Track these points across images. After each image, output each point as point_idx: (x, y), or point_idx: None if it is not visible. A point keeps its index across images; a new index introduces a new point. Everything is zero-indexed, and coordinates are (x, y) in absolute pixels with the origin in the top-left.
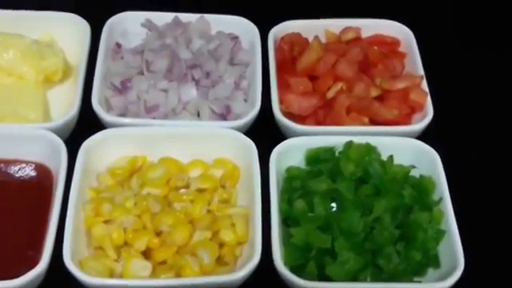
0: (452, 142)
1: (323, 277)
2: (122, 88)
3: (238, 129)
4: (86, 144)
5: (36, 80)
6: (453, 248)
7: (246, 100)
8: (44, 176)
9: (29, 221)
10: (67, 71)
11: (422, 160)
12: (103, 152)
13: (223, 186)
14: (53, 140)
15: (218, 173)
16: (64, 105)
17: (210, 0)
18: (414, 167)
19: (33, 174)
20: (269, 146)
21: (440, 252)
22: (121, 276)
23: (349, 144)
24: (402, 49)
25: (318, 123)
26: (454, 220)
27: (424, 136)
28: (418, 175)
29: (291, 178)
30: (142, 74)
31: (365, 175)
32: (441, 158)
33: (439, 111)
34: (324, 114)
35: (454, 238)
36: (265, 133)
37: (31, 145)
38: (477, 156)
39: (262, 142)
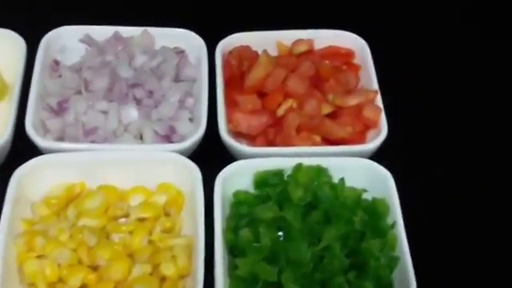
0: (407, 161)
1: None
2: (59, 109)
3: (183, 152)
4: (19, 172)
5: None
6: (405, 275)
7: (192, 119)
8: None
9: None
10: (2, 90)
11: (375, 181)
12: (38, 180)
13: (167, 214)
14: None
15: (161, 199)
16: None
17: (154, 12)
18: (365, 191)
19: None
20: (216, 168)
21: (395, 280)
22: None
23: (298, 167)
24: (356, 61)
25: (268, 142)
26: (406, 246)
27: (378, 155)
28: (371, 197)
29: (238, 203)
30: (81, 93)
31: (314, 200)
32: (395, 178)
33: (394, 128)
34: (274, 132)
35: (406, 264)
36: (212, 154)
37: None
38: (432, 176)
39: (209, 164)
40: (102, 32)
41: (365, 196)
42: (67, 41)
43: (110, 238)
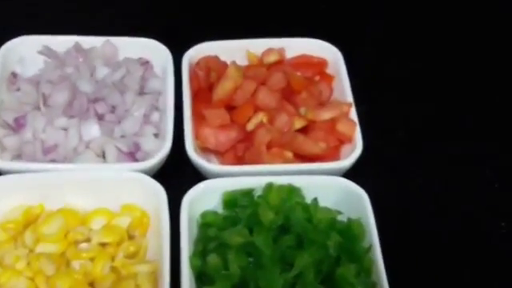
0: (383, 178)
1: None
2: (16, 126)
3: (148, 170)
4: None
5: None
6: None
7: (157, 135)
8: None
9: None
10: None
11: (350, 200)
12: None
13: (131, 237)
14: None
15: (124, 222)
16: None
17: (116, 21)
18: (340, 213)
19: None
20: (183, 186)
21: None
22: None
23: (268, 187)
24: (329, 70)
25: (238, 159)
26: (383, 271)
27: (353, 171)
28: (345, 218)
29: (206, 224)
30: (39, 109)
31: (286, 223)
32: (370, 197)
33: (369, 143)
34: (244, 148)
35: None
36: (179, 172)
37: None
38: (409, 195)
39: (176, 182)
40: (61, 42)
41: (339, 217)
42: (26, 51)
43: (70, 265)
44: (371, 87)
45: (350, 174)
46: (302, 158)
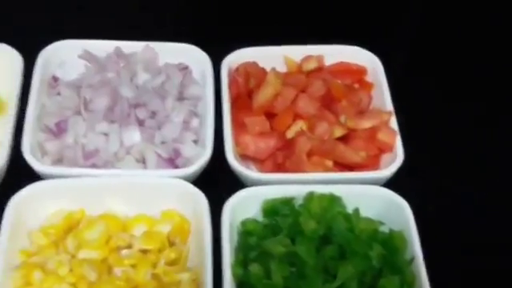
0: (425, 190)
1: None
2: (57, 131)
3: (188, 177)
4: (15, 200)
5: None
6: None
7: (196, 141)
8: None
9: None
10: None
11: (392, 212)
12: (35, 207)
13: (172, 243)
14: None
15: (165, 228)
16: None
17: (156, 25)
18: (382, 223)
19: None
20: (222, 193)
21: None
22: None
23: (310, 196)
24: (368, 78)
25: (277, 166)
26: (427, 284)
27: (394, 182)
28: (387, 229)
29: (247, 233)
30: (80, 113)
31: (328, 232)
32: (412, 207)
33: (412, 154)
34: (283, 156)
35: None
36: (218, 178)
37: None
38: (452, 206)
39: (215, 189)
40: (102, 47)
41: (381, 228)
42: (66, 56)
43: (112, 271)
44: (410, 95)
45: (391, 183)
46: (341, 166)
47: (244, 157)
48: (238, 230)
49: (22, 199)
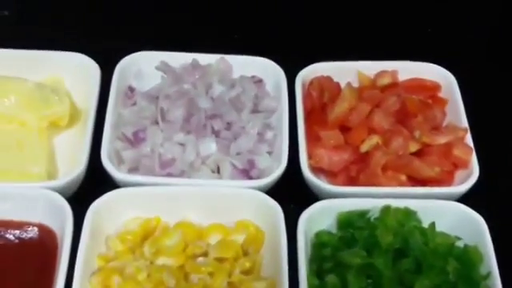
0: (500, 205)
1: None
2: (135, 140)
3: (263, 188)
4: (94, 206)
5: (39, 127)
6: None
7: (270, 153)
8: (47, 238)
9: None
10: (75, 116)
11: (467, 227)
12: (113, 213)
13: (246, 253)
14: (57, 200)
15: (239, 238)
16: (71, 152)
17: (230, 39)
18: (459, 238)
19: (35, 236)
20: (295, 204)
21: None
22: None
23: (386, 209)
24: (442, 94)
25: (350, 179)
26: None
27: (468, 198)
28: (462, 244)
29: (321, 244)
30: (157, 123)
31: (403, 246)
32: (487, 224)
33: (486, 169)
34: (357, 169)
35: None
36: (291, 190)
37: (33, 205)
38: None
39: (288, 201)
40: (178, 58)
41: (456, 243)
42: (143, 67)
43: (189, 279)
44: (484, 112)
45: (465, 200)
46: (415, 181)
47: (316, 170)
48: (312, 241)
49: (101, 206)
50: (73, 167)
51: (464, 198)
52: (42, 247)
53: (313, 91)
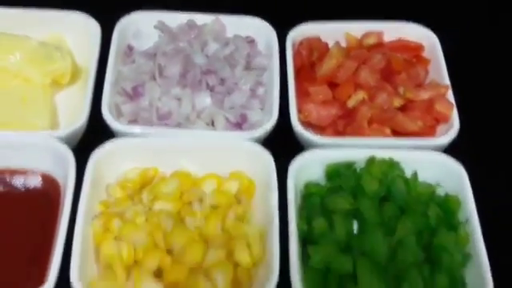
0: (479, 157)
1: None
2: (134, 94)
3: (255, 139)
4: (96, 155)
5: (43, 83)
6: (481, 273)
7: (262, 109)
8: (50, 186)
9: (34, 234)
10: (76, 74)
11: (448, 176)
12: (113, 163)
13: (238, 201)
14: (60, 149)
15: (233, 187)
16: (72, 108)
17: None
18: (439, 186)
19: (39, 184)
20: (284, 156)
21: (467, 277)
22: None
23: (371, 160)
24: (425, 55)
25: (337, 133)
26: (482, 243)
27: (449, 150)
28: (442, 193)
29: (310, 194)
30: (154, 79)
31: (388, 194)
32: (467, 173)
33: (465, 123)
34: (344, 124)
35: (481, 262)
36: (281, 143)
37: (38, 154)
38: (506, 171)
39: (279, 152)
40: (175, 18)
41: (437, 191)
42: (142, 26)
43: (185, 222)
44: (466, 72)
45: (446, 152)
46: (398, 135)
47: (306, 124)
48: (302, 192)
49: (102, 155)
50: (74, 122)
51: (445, 151)
52: (46, 195)
53: (302, 50)
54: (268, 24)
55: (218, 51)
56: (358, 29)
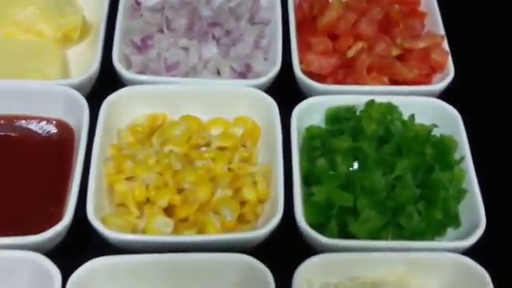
0: (473, 102)
1: (344, 235)
2: (142, 46)
3: (259, 87)
4: (108, 100)
5: (54, 37)
6: (474, 207)
7: (265, 59)
8: (65, 132)
9: (51, 177)
10: (85, 29)
11: (443, 119)
12: (124, 109)
13: (243, 145)
14: (74, 96)
15: (238, 131)
16: (82, 63)
17: None
18: (435, 126)
19: (54, 130)
20: (288, 104)
21: (461, 212)
22: (143, 232)
23: (370, 103)
24: (421, 8)
25: (338, 83)
26: (475, 179)
27: (444, 96)
28: (438, 135)
29: (311, 137)
30: (162, 31)
31: (386, 134)
32: (462, 117)
33: (460, 71)
34: (343, 73)
35: (475, 197)
36: (284, 91)
37: (52, 101)
38: (498, 116)
39: (282, 100)
40: None
41: (433, 133)
42: None
43: (193, 164)
44: (462, 23)
45: (441, 99)
46: (396, 83)
47: (307, 74)
48: (303, 135)
49: (114, 101)
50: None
51: (440, 97)
52: (60, 140)
53: (304, 3)
54: None
55: (224, 4)
56: None
